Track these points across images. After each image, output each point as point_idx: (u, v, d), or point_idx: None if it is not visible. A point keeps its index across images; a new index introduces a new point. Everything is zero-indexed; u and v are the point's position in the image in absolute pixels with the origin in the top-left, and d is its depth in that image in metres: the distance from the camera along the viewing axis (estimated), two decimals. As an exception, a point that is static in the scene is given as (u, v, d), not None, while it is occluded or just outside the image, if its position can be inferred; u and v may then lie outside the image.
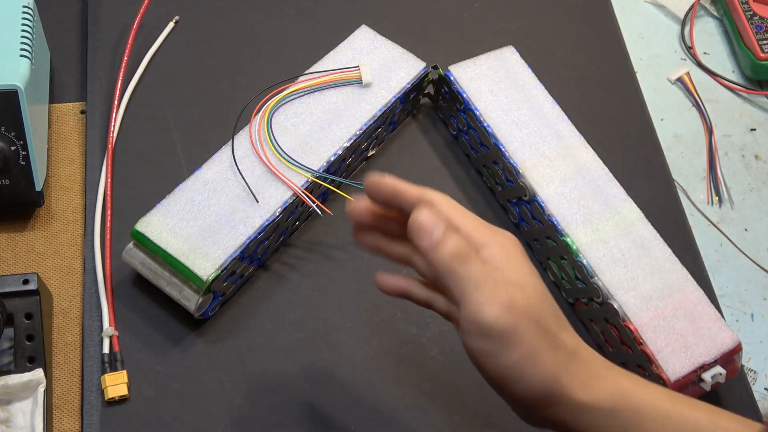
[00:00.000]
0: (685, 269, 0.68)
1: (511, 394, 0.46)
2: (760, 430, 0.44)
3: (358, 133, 0.71)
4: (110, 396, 0.63)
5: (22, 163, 0.67)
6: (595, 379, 0.46)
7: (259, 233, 0.66)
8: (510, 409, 0.49)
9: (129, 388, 0.64)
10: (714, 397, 0.68)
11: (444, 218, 0.47)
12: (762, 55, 0.86)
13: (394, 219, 0.52)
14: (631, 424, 0.45)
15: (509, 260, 0.47)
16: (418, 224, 0.47)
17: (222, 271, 0.64)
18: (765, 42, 0.86)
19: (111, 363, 0.65)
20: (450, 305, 0.51)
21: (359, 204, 0.53)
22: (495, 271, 0.46)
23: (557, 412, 0.46)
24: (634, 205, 0.70)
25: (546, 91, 0.75)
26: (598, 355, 0.48)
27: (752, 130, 0.86)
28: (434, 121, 0.80)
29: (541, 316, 0.46)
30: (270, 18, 0.84)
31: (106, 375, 0.63)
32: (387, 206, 0.51)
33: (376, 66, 0.75)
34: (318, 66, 0.74)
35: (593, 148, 0.73)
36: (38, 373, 0.61)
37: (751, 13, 0.88)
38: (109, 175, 0.72)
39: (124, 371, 0.64)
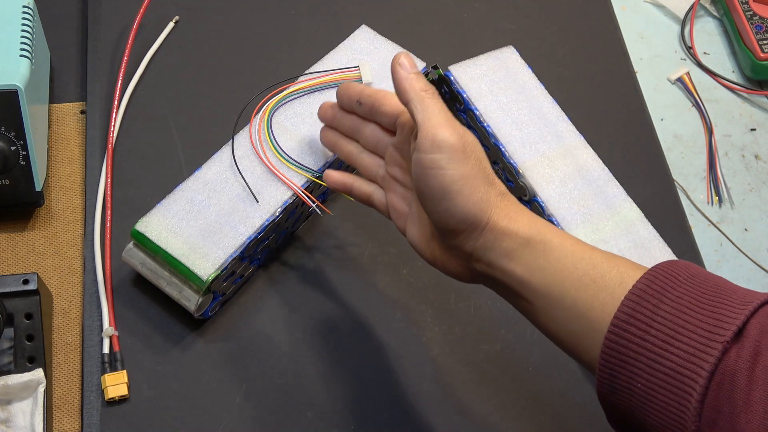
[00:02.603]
0: (685, 269, 0.67)
1: (444, 212, 0.53)
2: (645, 272, 0.48)
3: (358, 133, 0.71)
4: (110, 396, 0.63)
5: (22, 163, 0.67)
6: (517, 215, 0.53)
7: (259, 233, 0.66)
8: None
9: (129, 388, 0.64)
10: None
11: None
12: (762, 55, 0.86)
13: (352, 115, 0.63)
14: (539, 255, 0.51)
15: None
16: (402, 59, 0.56)
17: (222, 271, 0.64)
18: (765, 42, 0.86)
19: (111, 363, 0.65)
20: (389, 197, 0.61)
21: (326, 104, 0.65)
22: (448, 115, 0.55)
23: (481, 240, 0.53)
24: (634, 205, 0.70)
25: (546, 91, 0.75)
26: (522, 205, 0.55)
27: (752, 130, 0.86)
28: (434, 121, 0.80)
29: (480, 157, 0.54)
30: (270, 18, 0.84)
31: (106, 375, 0.63)
32: (349, 107, 0.63)
33: (376, 66, 0.75)
34: (318, 66, 0.74)
35: (593, 148, 0.73)
36: (38, 373, 0.61)
37: (751, 13, 0.88)
38: (109, 175, 0.72)
39: (124, 371, 0.64)
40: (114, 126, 0.75)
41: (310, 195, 0.68)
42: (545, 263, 0.51)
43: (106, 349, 0.65)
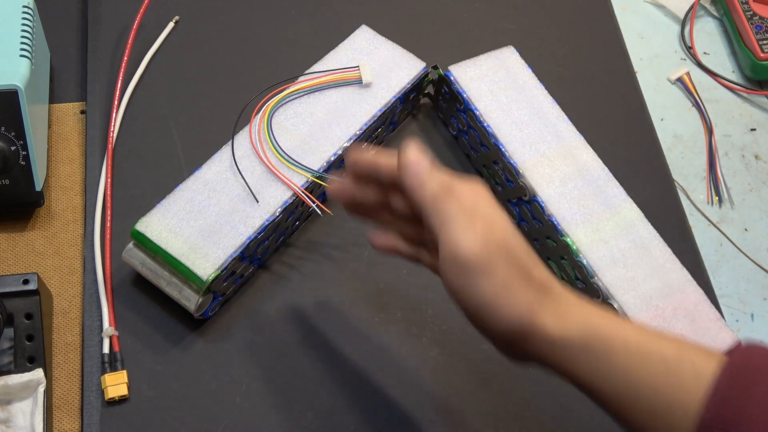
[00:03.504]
0: (685, 269, 0.68)
1: (488, 328, 0.49)
2: (720, 359, 0.45)
3: (358, 133, 0.71)
4: (110, 396, 0.63)
5: (22, 163, 0.67)
6: (567, 314, 0.48)
7: (259, 233, 0.66)
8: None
9: (129, 388, 0.64)
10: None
11: (427, 158, 0.51)
12: (762, 55, 0.86)
13: (372, 187, 0.56)
14: (602, 358, 0.46)
15: (480, 202, 0.50)
16: (407, 161, 0.50)
17: (222, 271, 0.64)
18: (765, 42, 0.86)
19: (111, 363, 0.65)
20: (433, 258, 0.54)
21: (339, 186, 0.57)
22: (470, 211, 0.48)
23: (532, 346, 0.48)
24: (634, 205, 0.70)
25: (546, 91, 0.75)
26: (571, 291, 0.49)
27: (752, 130, 0.86)
28: (434, 121, 0.80)
29: (513, 252, 0.48)
30: (270, 18, 0.84)
31: (106, 375, 0.63)
32: (366, 179, 0.55)
33: (376, 66, 0.75)
34: (318, 66, 0.74)
35: (593, 148, 0.73)
36: (38, 373, 0.61)
37: (751, 13, 0.88)
38: (109, 175, 0.72)
39: (124, 371, 0.64)
40: (114, 126, 0.75)
41: (310, 195, 0.68)
42: (610, 368, 0.47)
43: (106, 349, 0.65)
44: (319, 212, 0.67)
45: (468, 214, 0.48)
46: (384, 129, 0.76)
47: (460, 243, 0.47)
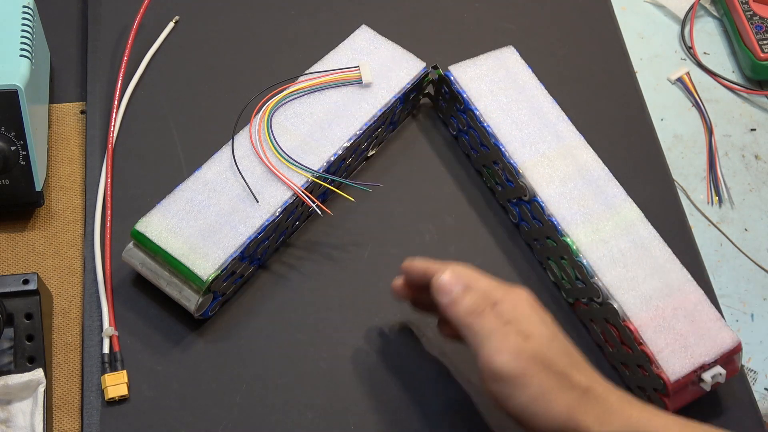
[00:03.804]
0: (685, 269, 0.68)
1: (531, 429, 0.51)
2: None
3: (358, 133, 0.71)
4: (110, 396, 0.63)
5: (22, 163, 0.67)
6: (609, 415, 0.49)
7: (259, 233, 0.66)
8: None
9: (129, 388, 0.64)
10: (714, 397, 0.68)
11: (462, 280, 0.55)
12: (762, 55, 0.86)
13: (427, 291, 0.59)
14: None
15: (518, 313, 0.53)
16: (440, 284, 0.54)
17: (222, 271, 0.64)
18: (765, 42, 0.86)
19: (111, 363, 0.65)
20: None
21: (398, 285, 0.63)
22: (505, 324, 0.51)
23: None
24: (634, 205, 0.70)
25: (546, 91, 0.75)
26: (614, 390, 0.51)
27: (752, 130, 0.86)
28: (434, 121, 0.80)
29: (549, 360, 0.50)
30: (270, 18, 0.84)
31: (106, 375, 0.63)
32: (419, 283, 0.59)
33: (376, 66, 0.75)
34: (318, 66, 0.74)
35: (593, 148, 0.73)
36: (38, 373, 0.61)
37: (751, 13, 0.88)
38: (109, 175, 0.72)
39: (124, 371, 0.64)
40: (114, 126, 0.75)
41: (310, 195, 0.68)
42: None
43: (106, 349, 0.65)
44: (319, 212, 0.67)
45: (503, 327, 0.51)
46: (384, 129, 0.76)
47: (492, 358, 0.50)
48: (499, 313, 0.52)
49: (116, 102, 0.76)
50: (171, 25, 0.82)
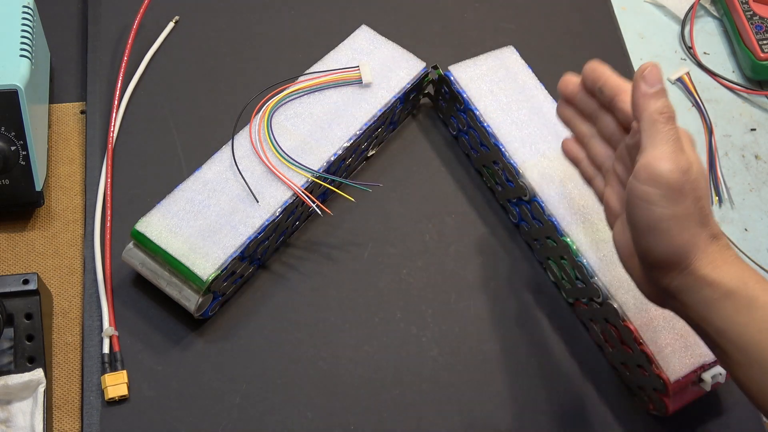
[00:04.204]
0: (685, 269, 0.67)
1: (649, 247, 0.51)
2: None
3: (358, 133, 0.71)
4: (110, 396, 0.63)
5: (22, 163, 0.67)
6: (724, 263, 0.50)
7: (259, 233, 0.66)
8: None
9: (129, 388, 0.64)
10: (714, 397, 0.68)
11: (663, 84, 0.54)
12: (762, 55, 0.86)
13: (593, 99, 0.59)
14: (743, 309, 0.49)
15: (689, 142, 0.53)
16: (648, 72, 0.52)
17: (222, 271, 0.64)
18: (765, 42, 0.86)
19: (111, 363, 0.65)
20: (606, 191, 0.58)
21: (570, 78, 0.61)
22: (680, 141, 0.51)
23: (679, 280, 0.51)
24: (634, 205, 0.70)
25: (546, 91, 0.75)
26: (734, 251, 0.52)
27: (752, 130, 0.86)
28: (434, 121, 0.80)
29: (701, 195, 0.51)
30: (270, 18, 0.84)
31: (106, 375, 0.63)
32: (591, 89, 0.59)
33: (376, 66, 0.75)
34: (318, 66, 0.74)
35: (593, 148, 0.73)
36: (38, 373, 0.61)
37: (751, 13, 0.88)
38: (109, 175, 0.72)
39: (124, 371, 0.64)
40: (114, 126, 0.75)
41: (310, 195, 0.68)
42: (747, 320, 0.49)
43: (106, 349, 0.65)
44: (319, 212, 0.67)
45: (678, 144, 0.51)
46: (384, 129, 0.76)
47: (663, 162, 0.50)
48: (678, 129, 0.52)
49: (116, 102, 0.76)
50: (171, 25, 0.82)
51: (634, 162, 0.53)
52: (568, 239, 0.68)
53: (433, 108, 0.81)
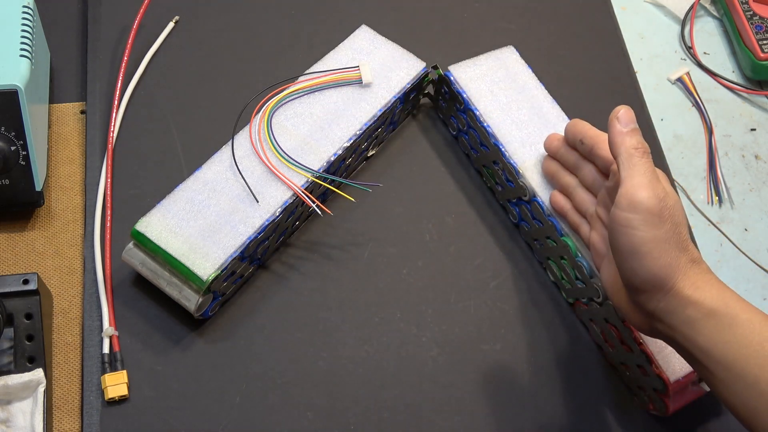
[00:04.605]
0: (685, 269, 0.67)
1: (632, 271, 0.54)
2: None
3: (358, 133, 0.71)
4: (110, 396, 0.63)
5: (22, 163, 0.67)
6: (705, 284, 0.53)
7: (259, 233, 0.66)
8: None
9: (129, 388, 0.64)
10: (714, 397, 0.68)
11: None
12: (762, 55, 0.86)
13: (575, 152, 0.66)
14: (725, 325, 0.52)
15: (663, 176, 0.58)
16: (621, 114, 0.58)
17: (222, 271, 0.64)
18: (765, 42, 0.86)
19: (111, 363, 0.65)
20: (592, 235, 0.63)
21: (554, 135, 0.69)
22: (654, 173, 0.56)
23: (664, 302, 0.54)
24: (634, 205, 0.70)
25: (546, 91, 0.75)
26: (713, 275, 0.55)
27: (752, 130, 0.86)
28: (434, 121, 0.80)
29: (678, 222, 0.54)
30: (270, 18, 0.84)
31: (106, 375, 0.63)
32: (573, 143, 0.66)
33: (376, 66, 0.75)
34: (318, 66, 0.74)
35: (593, 148, 0.73)
36: (38, 373, 0.61)
37: (751, 13, 0.88)
38: (109, 175, 0.72)
39: (124, 371, 0.64)
40: (114, 126, 0.75)
41: (310, 195, 0.68)
42: (729, 337, 0.52)
43: (106, 349, 0.65)
44: (319, 212, 0.67)
45: (654, 175, 0.55)
46: (384, 129, 0.76)
47: (641, 190, 0.54)
48: (651, 163, 0.56)
49: (116, 102, 0.76)
50: (171, 25, 0.82)
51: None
52: (568, 239, 0.68)
53: (433, 108, 0.81)
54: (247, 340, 0.67)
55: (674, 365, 0.63)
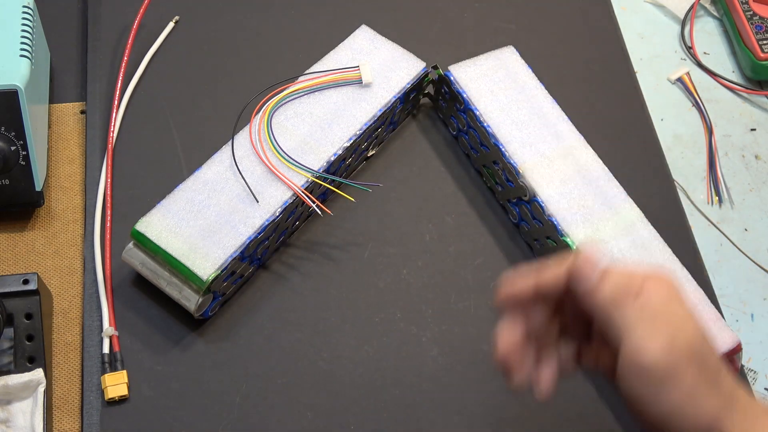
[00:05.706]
0: (685, 269, 0.68)
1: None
2: None
3: (358, 133, 0.71)
4: (110, 396, 0.63)
5: (22, 163, 0.67)
6: (754, 424, 0.46)
7: (259, 233, 0.66)
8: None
9: (129, 388, 0.64)
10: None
11: (598, 266, 0.48)
12: (762, 55, 0.86)
13: (535, 314, 0.51)
14: None
15: (667, 302, 0.47)
16: (577, 268, 0.47)
17: (222, 271, 0.64)
18: (765, 42, 0.86)
19: (111, 363, 0.65)
20: (600, 366, 0.52)
21: (503, 348, 0.52)
22: (654, 314, 0.46)
23: None
24: (634, 205, 0.70)
25: (546, 91, 0.75)
26: (755, 399, 0.48)
27: (752, 130, 0.86)
28: (434, 121, 0.80)
29: (701, 356, 0.45)
30: (270, 18, 0.84)
31: (106, 375, 0.63)
32: (526, 306, 0.51)
33: (376, 66, 0.75)
34: (318, 66, 0.74)
35: (593, 148, 0.73)
36: (38, 373, 0.61)
37: (751, 13, 0.88)
38: (109, 175, 0.72)
39: (124, 371, 0.64)
40: (114, 126, 0.75)
41: (310, 195, 0.68)
42: None
43: (106, 349, 0.65)
44: (319, 212, 0.67)
45: (651, 316, 0.45)
46: (384, 129, 0.76)
47: (642, 350, 0.44)
48: (644, 303, 0.46)
49: (116, 102, 0.76)
50: (171, 25, 0.82)
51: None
52: (568, 239, 0.68)
53: (433, 108, 0.81)
54: (247, 340, 0.67)
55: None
